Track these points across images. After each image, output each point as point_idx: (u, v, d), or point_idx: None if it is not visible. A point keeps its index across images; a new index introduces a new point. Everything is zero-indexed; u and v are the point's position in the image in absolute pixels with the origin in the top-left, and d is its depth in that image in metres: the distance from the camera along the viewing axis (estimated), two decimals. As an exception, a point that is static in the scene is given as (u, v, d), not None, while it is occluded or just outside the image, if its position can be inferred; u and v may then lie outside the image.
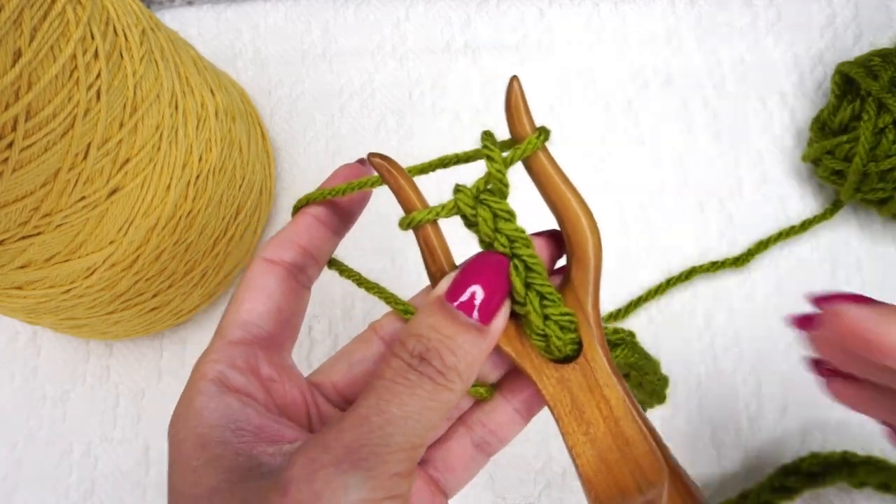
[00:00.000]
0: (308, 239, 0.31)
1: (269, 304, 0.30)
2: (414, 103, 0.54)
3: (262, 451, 0.26)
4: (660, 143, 0.52)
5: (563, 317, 0.27)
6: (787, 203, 0.50)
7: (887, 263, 0.49)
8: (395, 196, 0.29)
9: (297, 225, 0.31)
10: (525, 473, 0.46)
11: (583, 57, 0.55)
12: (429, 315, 0.26)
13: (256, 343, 0.30)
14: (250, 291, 0.30)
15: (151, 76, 0.38)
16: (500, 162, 0.28)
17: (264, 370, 0.29)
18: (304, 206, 0.31)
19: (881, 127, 0.44)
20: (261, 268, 0.30)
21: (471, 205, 0.28)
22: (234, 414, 0.27)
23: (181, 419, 0.27)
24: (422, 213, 0.28)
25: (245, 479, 0.25)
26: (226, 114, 0.46)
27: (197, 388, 0.28)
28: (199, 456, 0.26)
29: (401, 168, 0.29)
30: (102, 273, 0.40)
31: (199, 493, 0.25)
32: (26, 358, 0.51)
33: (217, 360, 0.29)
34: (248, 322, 0.30)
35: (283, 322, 0.30)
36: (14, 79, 0.29)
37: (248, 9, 0.57)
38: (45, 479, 0.49)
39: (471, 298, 0.26)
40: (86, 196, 0.36)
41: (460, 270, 0.27)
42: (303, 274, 0.31)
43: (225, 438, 0.26)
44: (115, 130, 0.36)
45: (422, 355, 0.25)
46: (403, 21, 0.56)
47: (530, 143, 0.27)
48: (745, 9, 0.54)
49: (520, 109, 0.27)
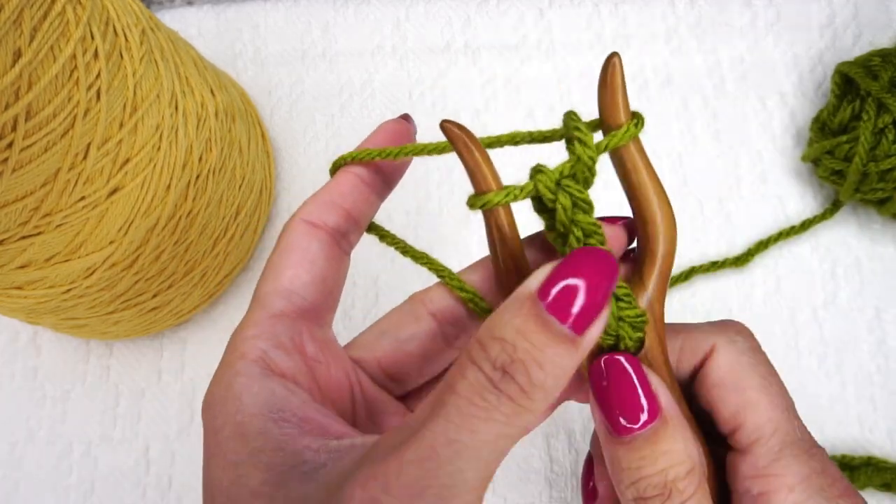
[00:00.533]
0: (352, 202, 0.28)
1: (314, 272, 0.27)
2: (414, 103, 0.54)
3: (305, 445, 0.23)
4: (659, 143, 0.52)
5: (637, 318, 0.26)
6: (787, 203, 0.50)
7: (887, 263, 0.49)
8: (469, 173, 0.26)
9: (341, 185, 0.28)
10: (525, 473, 0.46)
11: (583, 57, 0.55)
12: (516, 315, 0.21)
13: (301, 316, 0.27)
14: (292, 256, 0.27)
15: (151, 76, 0.38)
16: (593, 148, 0.25)
17: (309, 348, 0.27)
18: (346, 165, 0.29)
19: (881, 127, 0.44)
20: (302, 230, 0.28)
21: (552, 189, 0.25)
22: (277, 402, 0.24)
23: (218, 403, 0.25)
24: (498, 195, 0.25)
25: (287, 481, 0.23)
26: (226, 114, 0.46)
27: (236, 368, 0.25)
28: (239, 450, 0.24)
29: (478, 141, 0.26)
30: (102, 273, 0.40)
31: (240, 493, 0.23)
32: (26, 358, 0.51)
33: (258, 336, 0.26)
34: (292, 292, 0.27)
35: (326, 292, 0.28)
36: (14, 79, 0.29)
37: (248, 9, 0.57)
38: (45, 478, 0.49)
39: (568, 301, 0.21)
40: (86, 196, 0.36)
41: (560, 265, 0.22)
42: (345, 240, 0.29)
43: (266, 429, 0.24)
44: (115, 130, 0.36)
45: (505, 368, 0.21)
46: (403, 21, 0.56)
47: (628, 131, 0.25)
48: (744, 9, 0.54)
49: (618, 92, 0.25)
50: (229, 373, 0.25)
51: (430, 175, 0.52)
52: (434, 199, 0.52)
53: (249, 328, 0.26)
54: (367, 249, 0.36)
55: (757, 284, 0.49)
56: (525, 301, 0.21)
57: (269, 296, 0.27)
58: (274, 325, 0.26)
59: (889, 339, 0.47)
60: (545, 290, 0.21)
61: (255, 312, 0.27)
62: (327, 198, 0.28)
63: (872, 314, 0.48)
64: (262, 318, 0.26)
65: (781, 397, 0.27)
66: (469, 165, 0.26)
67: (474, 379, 0.21)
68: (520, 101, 0.54)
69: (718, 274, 0.49)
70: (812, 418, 0.46)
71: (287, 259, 0.27)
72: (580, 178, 0.26)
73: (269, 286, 0.27)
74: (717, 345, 0.28)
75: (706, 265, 0.49)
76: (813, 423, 0.46)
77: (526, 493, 0.46)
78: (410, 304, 0.29)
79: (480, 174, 0.26)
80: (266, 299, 0.27)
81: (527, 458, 0.46)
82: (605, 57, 0.25)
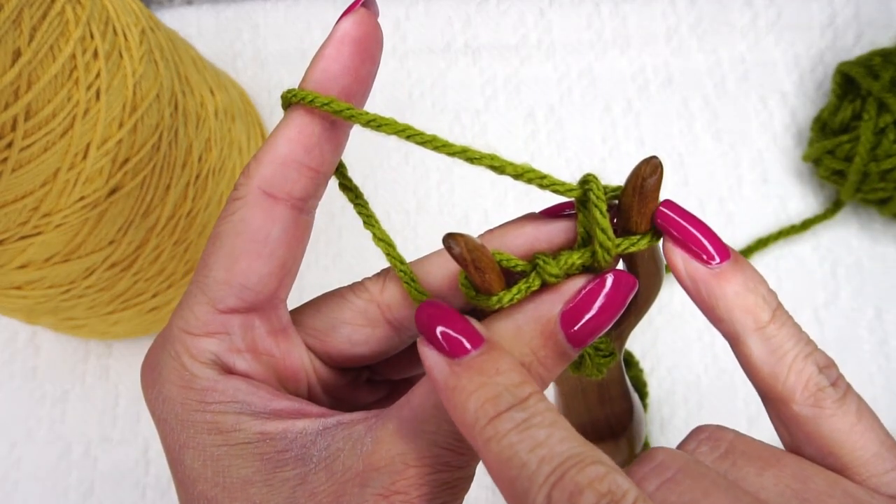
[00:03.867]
0: (320, 158, 0.24)
1: (273, 263, 0.24)
2: (414, 103, 0.54)
3: (285, 428, 0.23)
4: (660, 143, 0.52)
5: (610, 361, 0.27)
6: (788, 203, 0.50)
7: (887, 263, 0.49)
8: (472, 280, 0.23)
9: (304, 135, 0.23)
10: (525, 473, 0.46)
11: (583, 57, 0.55)
12: (536, 339, 0.22)
13: (253, 309, 0.24)
14: (248, 242, 0.23)
15: (151, 76, 0.38)
16: (613, 248, 0.23)
17: (263, 344, 0.25)
18: (303, 104, 0.23)
19: (881, 127, 0.44)
20: (262, 208, 0.23)
21: (560, 277, 0.23)
22: (245, 397, 0.24)
23: (175, 401, 0.24)
24: (500, 301, 0.23)
25: (280, 465, 0.23)
26: (225, 114, 0.46)
27: (189, 370, 0.24)
28: (219, 443, 0.23)
29: (490, 260, 0.23)
30: (102, 273, 0.40)
31: (230, 483, 0.23)
32: (26, 358, 0.51)
33: (207, 335, 0.24)
34: (245, 287, 0.24)
35: (283, 276, 0.24)
36: (14, 79, 0.29)
37: (248, 9, 0.57)
38: (45, 478, 0.49)
39: (577, 320, 0.22)
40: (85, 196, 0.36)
41: (587, 289, 0.22)
42: (313, 200, 0.25)
43: (241, 424, 0.23)
44: (115, 130, 0.36)
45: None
46: (403, 21, 0.56)
47: (652, 240, 0.24)
48: (745, 8, 0.54)
49: (651, 201, 0.24)
50: (183, 372, 0.24)
51: (429, 175, 0.52)
52: (434, 199, 0.52)
53: (195, 324, 0.24)
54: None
55: (757, 284, 0.49)
56: (546, 325, 0.22)
57: (217, 286, 0.24)
58: (224, 325, 0.24)
59: (890, 339, 0.47)
60: (568, 320, 0.22)
61: (200, 307, 0.24)
62: (290, 156, 0.23)
63: (873, 314, 0.48)
64: (210, 315, 0.24)
65: None
66: (475, 281, 0.23)
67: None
68: (520, 101, 0.54)
69: (719, 274, 0.49)
70: (813, 418, 0.46)
71: (241, 243, 0.23)
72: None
73: (219, 274, 0.23)
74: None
75: None
76: (814, 423, 0.46)
77: (526, 494, 0.46)
78: (365, 303, 0.26)
79: (486, 286, 0.23)
80: (214, 290, 0.24)
81: (527, 459, 0.46)
82: (645, 159, 0.23)
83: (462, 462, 0.22)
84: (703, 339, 0.48)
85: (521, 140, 0.53)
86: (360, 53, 0.24)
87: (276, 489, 0.22)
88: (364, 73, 0.24)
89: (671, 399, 0.47)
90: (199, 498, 0.23)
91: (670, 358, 0.48)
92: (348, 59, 0.24)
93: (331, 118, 0.24)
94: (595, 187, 0.23)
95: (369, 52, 0.24)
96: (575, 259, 0.23)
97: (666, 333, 0.48)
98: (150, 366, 0.25)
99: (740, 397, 0.47)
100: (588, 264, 0.23)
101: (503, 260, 0.24)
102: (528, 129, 0.53)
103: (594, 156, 0.52)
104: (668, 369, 0.47)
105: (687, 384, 0.47)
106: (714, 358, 0.48)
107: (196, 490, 0.23)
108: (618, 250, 0.23)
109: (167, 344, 0.24)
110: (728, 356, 0.48)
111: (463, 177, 0.51)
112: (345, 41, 0.23)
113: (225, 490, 0.23)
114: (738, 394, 0.47)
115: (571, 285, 0.23)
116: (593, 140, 0.52)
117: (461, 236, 0.22)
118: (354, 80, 0.24)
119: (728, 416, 0.46)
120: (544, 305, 0.22)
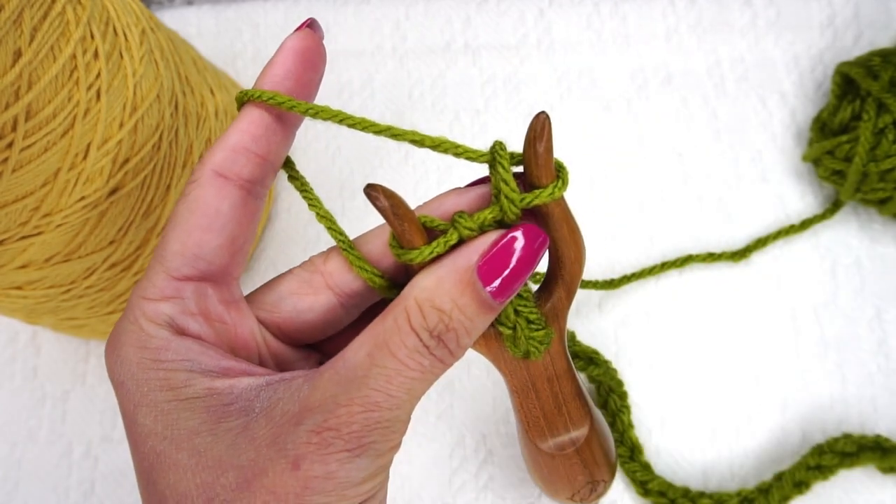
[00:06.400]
0: (266, 145, 0.27)
1: (223, 236, 0.27)
2: (414, 103, 0.54)
3: (232, 385, 0.25)
4: (659, 143, 0.52)
5: (544, 336, 0.29)
6: (787, 203, 0.50)
7: (887, 263, 0.49)
8: (393, 231, 0.26)
9: (253, 127, 0.27)
10: (525, 473, 0.46)
11: (583, 56, 0.55)
12: (455, 286, 0.25)
13: (206, 278, 0.27)
14: (200, 217, 0.26)
15: (151, 76, 0.38)
16: (518, 203, 0.26)
17: (215, 310, 0.27)
18: (253, 101, 0.27)
19: (881, 127, 0.44)
20: (214, 187, 0.26)
21: (475, 233, 0.26)
22: (195, 356, 0.26)
23: (133, 361, 0.26)
24: (423, 253, 0.26)
25: (224, 416, 0.25)
26: (226, 114, 0.46)
27: (146, 331, 0.26)
28: (170, 398, 0.25)
29: (407, 209, 0.26)
30: (102, 273, 0.40)
31: (177, 435, 0.25)
32: (26, 358, 0.51)
33: (162, 300, 0.26)
34: (198, 257, 0.26)
35: (234, 252, 0.27)
36: (14, 79, 0.29)
37: (248, 9, 0.57)
38: (45, 478, 0.49)
39: (496, 272, 0.25)
40: (86, 196, 0.36)
41: (498, 240, 0.25)
42: (261, 186, 0.28)
43: (192, 380, 0.25)
44: (115, 130, 0.36)
45: (440, 336, 0.25)
46: (403, 21, 0.56)
47: (553, 192, 0.26)
48: (745, 8, 0.54)
49: (545, 152, 0.26)
50: (140, 333, 0.26)
51: (429, 175, 0.52)
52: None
53: (152, 290, 0.26)
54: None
55: (757, 283, 0.49)
56: (464, 274, 0.25)
57: (173, 256, 0.26)
58: (178, 290, 0.26)
59: (889, 338, 0.47)
60: (486, 268, 0.25)
61: (157, 275, 0.26)
62: (240, 144, 0.27)
63: (873, 314, 0.48)
64: (165, 282, 0.26)
65: None
66: (396, 232, 0.26)
67: (413, 344, 0.24)
68: (520, 101, 0.54)
69: (718, 272, 0.49)
70: (812, 418, 0.46)
71: (195, 219, 0.26)
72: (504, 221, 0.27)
73: (174, 246, 0.26)
74: None
75: (703, 255, 0.49)
76: (813, 422, 0.46)
77: (526, 493, 0.46)
78: (310, 273, 0.29)
79: (406, 238, 0.26)
80: (169, 260, 0.26)
81: (527, 458, 0.46)
82: (534, 115, 0.26)
83: (391, 404, 0.24)
84: (703, 339, 0.48)
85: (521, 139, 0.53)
86: (303, 63, 0.28)
87: (219, 437, 0.24)
88: (306, 79, 0.28)
89: (671, 399, 0.47)
90: (149, 453, 0.25)
91: (670, 358, 0.48)
92: (291, 66, 0.27)
93: (276, 112, 0.27)
94: (500, 148, 0.26)
95: (311, 62, 0.28)
96: (486, 214, 0.26)
97: (666, 333, 0.48)
98: (112, 336, 0.27)
99: (741, 398, 0.47)
100: (499, 219, 0.26)
101: (427, 221, 0.27)
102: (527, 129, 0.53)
103: (593, 155, 0.52)
104: (668, 369, 0.48)
105: (687, 384, 0.47)
106: (714, 357, 0.48)
107: (147, 446, 0.25)
108: (523, 203, 0.26)
109: (128, 312, 0.27)
110: (728, 355, 0.48)
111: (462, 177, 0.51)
112: (288, 53, 0.28)
113: (173, 442, 0.25)
114: (739, 394, 0.47)
115: (486, 238, 0.25)
116: (593, 140, 0.52)
117: (381, 187, 0.25)
118: (296, 83, 0.27)
119: (728, 417, 0.46)
120: (461, 256, 0.25)
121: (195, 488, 0.24)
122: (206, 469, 0.24)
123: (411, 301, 0.25)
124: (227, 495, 0.24)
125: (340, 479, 0.24)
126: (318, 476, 0.24)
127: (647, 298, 0.49)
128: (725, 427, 0.46)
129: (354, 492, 0.24)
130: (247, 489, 0.24)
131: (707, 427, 0.46)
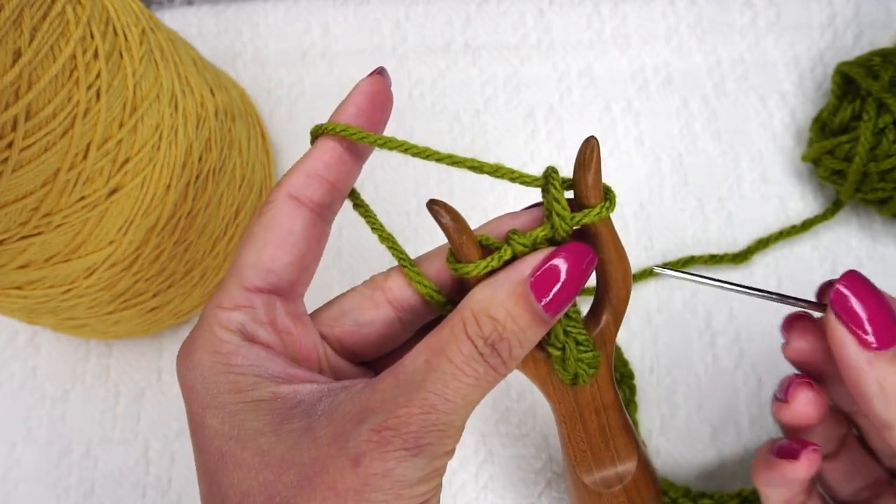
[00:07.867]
0: (336, 174, 0.30)
1: (294, 253, 0.29)
2: (414, 103, 0.54)
3: (296, 389, 0.27)
4: (660, 143, 0.52)
5: (593, 359, 0.30)
6: (788, 203, 0.50)
7: (887, 263, 0.49)
8: (452, 245, 0.28)
9: (325, 156, 0.29)
10: (525, 473, 0.46)
11: (583, 57, 0.55)
12: (509, 298, 0.26)
13: (275, 292, 0.29)
14: (275, 234, 0.29)
15: (151, 76, 0.38)
16: (569, 223, 0.28)
17: (282, 322, 0.29)
18: (326, 134, 0.30)
19: (881, 127, 0.44)
20: (287, 208, 0.29)
21: (528, 249, 0.28)
22: (263, 362, 0.27)
23: (206, 365, 0.27)
24: (478, 267, 0.28)
25: (288, 418, 0.26)
26: (226, 114, 0.46)
27: (218, 336, 0.28)
28: (237, 400, 0.26)
29: (466, 225, 0.28)
30: (102, 273, 0.40)
31: (243, 436, 0.26)
32: (26, 358, 0.51)
33: (235, 309, 0.28)
34: (270, 271, 0.29)
35: (302, 270, 0.29)
36: (14, 79, 0.29)
37: (248, 9, 0.57)
38: (45, 478, 0.49)
39: (549, 286, 0.26)
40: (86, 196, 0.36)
41: (550, 256, 0.27)
42: (329, 210, 0.30)
43: (259, 383, 0.27)
44: (115, 130, 0.36)
45: (494, 344, 0.26)
46: (403, 21, 0.56)
47: (601, 212, 0.28)
48: (745, 8, 0.54)
49: (594, 173, 0.27)
50: (213, 339, 0.28)
51: (430, 175, 0.52)
52: (434, 199, 0.52)
53: (226, 298, 0.28)
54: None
55: (758, 283, 0.49)
56: (517, 287, 0.26)
57: (247, 269, 0.28)
58: (250, 300, 0.28)
59: (889, 338, 0.47)
60: (539, 281, 0.26)
61: (232, 286, 0.29)
62: (312, 170, 0.29)
63: (873, 314, 0.48)
64: (239, 292, 0.28)
65: None
66: (455, 244, 0.28)
67: (468, 352, 0.26)
68: (520, 101, 0.54)
69: (718, 272, 0.49)
70: (812, 418, 0.46)
71: (270, 235, 0.29)
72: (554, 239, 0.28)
73: (249, 260, 0.29)
74: None
75: (705, 256, 0.49)
76: (813, 423, 0.46)
77: (526, 493, 0.46)
78: (370, 289, 0.31)
79: (463, 252, 0.28)
80: (244, 273, 0.28)
81: (527, 458, 0.46)
82: (584, 139, 0.28)
83: (447, 407, 0.25)
84: (703, 338, 0.48)
85: (520, 140, 0.53)
86: (373, 103, 0.30)
87: (282, 438, 0.26)
88: (375, 119, 0.30)
89: (671, 399, 0.47)
90: (214, 454, 0.26)
91: (670, 358, 0.48)
92: (362, 105, 0.30)
93: (347, 144, 0.30)
94: (553, 172, 0.28)
95: (380, 103, 0.30)
96: (538, 232, 0.28)
97: (666, 333, 0.48)
98: (186, 344, 0.29)
99: (741, 397, 0.47)
100: (550, 237, 0.28)
101: (482, 239, 0.29)
102: (528, 128, 0.53)
103: (594, 156, 0.52)
104: (668, 369, 0.47)
105: (687, 384, 0.47)
106: (714, 358, 0.48)
107: (213, 447, 0.26)
108: (573, 221, 0.28)
109: (202, 321, 0.28)
110: (728, 355, 0.48)
111: (462, 177, 0.51)
112: (360, 94, 0.30)
113: (238, 442, 0.26)
114: (739, 394, 0.47)
115: (538, 254, 0.27)
116: (593, 140, 0.53)
117: (442, 203, 0.28)
118: (366, 121, 0.30)
119: (728, 416, 0.46)
120: (514, 270, 0.27)
121: (257, 486, 0.25)
122: (268, 467, 0.25)
123: (467, 311, 0.26)
124: (287, 492, 0.25)
125: (397, 477, 0.25)
126: (376, 473, 0.24)
127: (647, 299, 0.49)
128: (725, 427, 0.46)
129: (410, 493, 0.25)
130: (307, 486, 0.25)
131: (707, 427, 0.46)
